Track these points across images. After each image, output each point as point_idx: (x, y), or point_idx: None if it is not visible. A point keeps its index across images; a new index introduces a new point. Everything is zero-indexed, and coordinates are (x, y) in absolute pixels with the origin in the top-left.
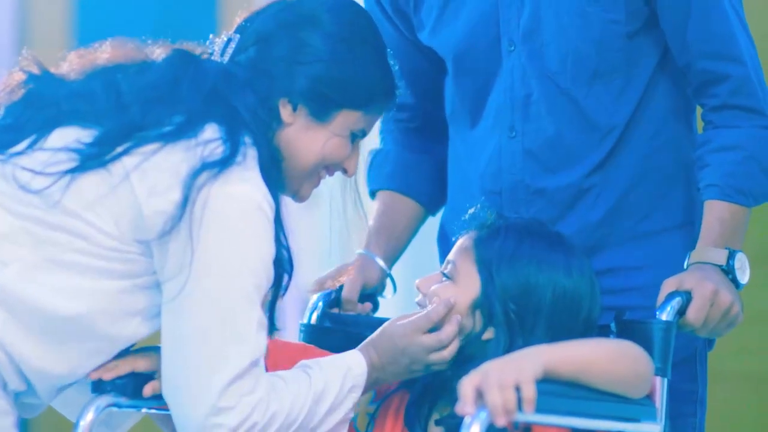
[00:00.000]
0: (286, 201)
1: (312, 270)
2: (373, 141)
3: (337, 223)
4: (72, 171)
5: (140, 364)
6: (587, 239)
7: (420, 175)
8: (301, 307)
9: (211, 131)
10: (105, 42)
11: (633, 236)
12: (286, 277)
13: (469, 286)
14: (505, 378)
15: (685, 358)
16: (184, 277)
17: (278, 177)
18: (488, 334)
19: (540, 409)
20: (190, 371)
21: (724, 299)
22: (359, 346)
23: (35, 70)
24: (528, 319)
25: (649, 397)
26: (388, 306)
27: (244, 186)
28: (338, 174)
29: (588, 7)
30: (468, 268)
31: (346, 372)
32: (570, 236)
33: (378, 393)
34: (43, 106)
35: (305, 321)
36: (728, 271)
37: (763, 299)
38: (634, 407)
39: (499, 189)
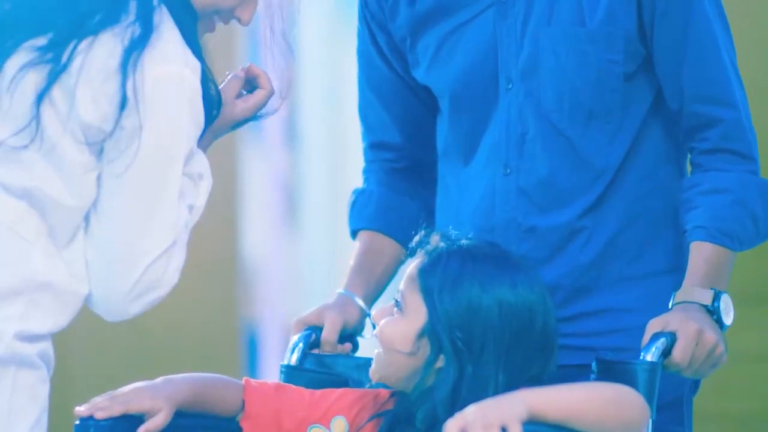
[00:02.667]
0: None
1: (295, 297)
2: (357, 180)
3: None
4: (38, 100)
5: (134, 407)
6: (577, 280)
7: (403, 216)
8: (282, 348)
9: (130, 12)
10: None
11: (623, 278)
12: (214, 113)
13: (416, 316)
14: (491, 418)
15: (672, 400)
16: (127, 157)
17: (193, 22)
18: (440, 363)
19: None
20: (118, 245)
21: (708, 339)
22: None
23: None
24: (476, 344)
25: None
26: (368, 346)
27: (166, 66)
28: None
29: (587, 46)
30: (414, 298)
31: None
32: (560, 277)
33: (351, 426)
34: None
35: (285, 362)
36: (713, 312)
37: (747, 340)
38: None
39: (491, 226)
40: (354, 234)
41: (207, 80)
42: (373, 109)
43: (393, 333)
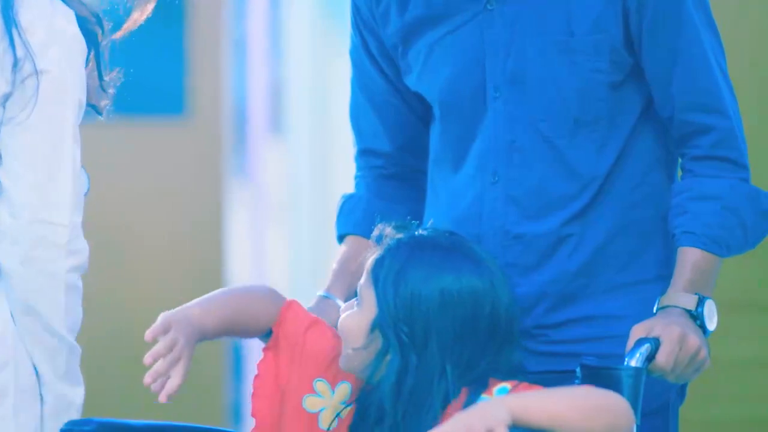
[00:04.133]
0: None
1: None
2: (343, 184)
3: None
4: None
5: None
6: (565, 288)
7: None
8: None
9: None
10: None
11: (611, 287)
12: (99, 32)
13: (369, 309)
14: (475, 424)
15: (657, 408)
16: (28, 107)
17: None
18: (390, 355)
19: None
20: (24, 180)
21: (692, 343)
22: None
23: None
24: (419, 335)
25: None
26: None
27: (40, 19)
28: None
29: (573, 55)
30: (368, 291)
31: None
32: (547, 284)
33: (353, 392)
34: None
35: None
36: (696, 317)
37: (733, 347)
38: None
39: (479, 234)
40: (341, 239)
41: (84, 20)
42: (364, 115)
43: (349, 326)
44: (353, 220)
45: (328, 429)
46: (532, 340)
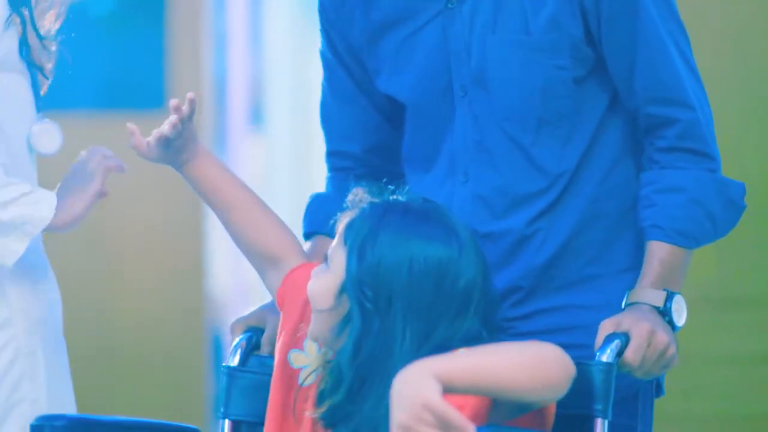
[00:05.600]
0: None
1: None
2: (322, 181)
3: None
4: None
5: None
6: (534, 282)
7: None
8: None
9: None
10: None
11: (581, 279)
12: (26, 13)
13: (339, 271)
14: (410, 405)
15: (626, 396)
16: None
17: None
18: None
19: None
20: None
21: (660, 340)
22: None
23: None
24: (383, 301)
25: None
26: None
27: None
28: None
29: (533, 54)
30: (339, 252)
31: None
32: (517, 279)
33: None
34: None
35: (227, 363)
36: (665, 313)
37: (710, 343)
38: None
39: None
40: (307, 237)
41: None
42: (333, 116)
43: (317, 288)
44: (318, 219)
45: (302, 384)
46: (502, 333)
